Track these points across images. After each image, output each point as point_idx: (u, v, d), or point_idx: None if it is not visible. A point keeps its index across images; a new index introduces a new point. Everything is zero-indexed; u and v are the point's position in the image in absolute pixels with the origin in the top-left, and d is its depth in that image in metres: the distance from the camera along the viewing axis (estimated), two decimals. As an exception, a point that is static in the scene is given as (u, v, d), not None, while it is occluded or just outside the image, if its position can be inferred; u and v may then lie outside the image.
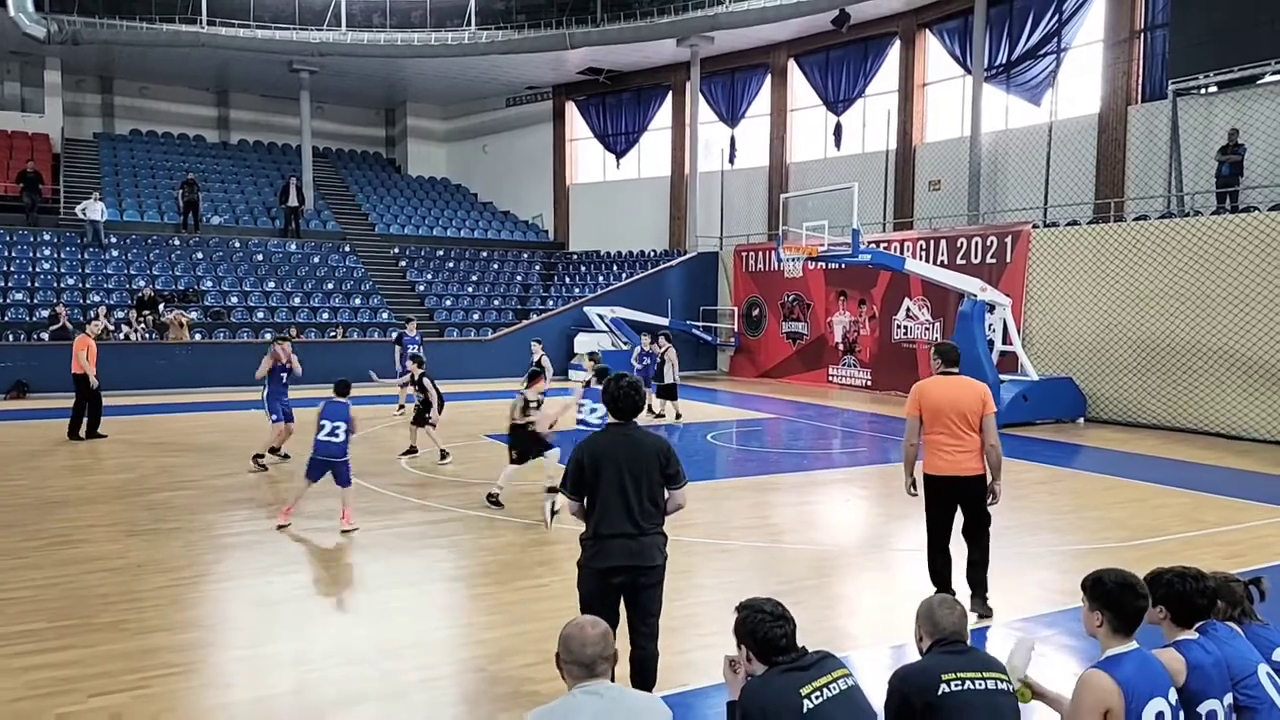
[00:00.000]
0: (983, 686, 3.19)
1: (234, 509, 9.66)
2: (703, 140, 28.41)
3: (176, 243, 26.29)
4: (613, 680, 3.09)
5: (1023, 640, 3.70)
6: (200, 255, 26.03)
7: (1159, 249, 16.19)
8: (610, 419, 4.90)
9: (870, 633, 6.35)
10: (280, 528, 8.79)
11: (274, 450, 12.42)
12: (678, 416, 17.07)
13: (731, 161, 28.74)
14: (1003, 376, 16.56)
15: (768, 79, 28.22)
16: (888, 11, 24.46)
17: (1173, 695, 3.29)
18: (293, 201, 28.33)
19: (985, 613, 6.51)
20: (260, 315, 24.21)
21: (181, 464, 12.26)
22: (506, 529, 8.94)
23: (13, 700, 5.03)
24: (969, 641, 3.52)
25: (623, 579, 4.67)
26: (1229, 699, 3.46)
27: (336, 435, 8.78)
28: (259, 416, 13.63)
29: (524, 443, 9.83)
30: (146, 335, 21.76)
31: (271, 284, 25.80)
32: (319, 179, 31.75)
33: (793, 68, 27.69)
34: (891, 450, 13.81)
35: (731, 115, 29.05)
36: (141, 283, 23.77)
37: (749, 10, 25.44)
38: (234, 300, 24.62)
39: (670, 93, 30.53)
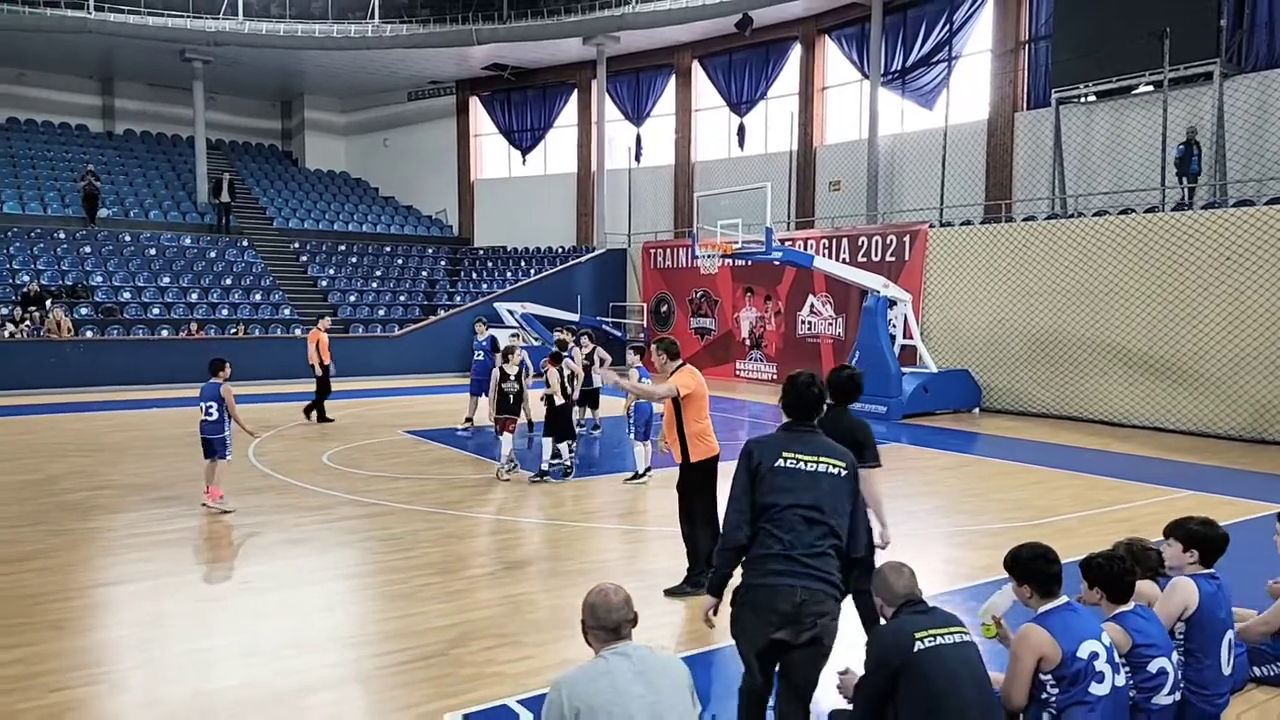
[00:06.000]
0: (952, 640, 3.51)
1: (157, 507, 9.41)
2: (608, 138, 28.66)
3: (62, 236, 25.01)
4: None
5: (1008, 589, 4.12)
6: (89, 249, 24.84)
7: (1046, 248, 17.24)
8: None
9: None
10: (204, 504, 9.27)
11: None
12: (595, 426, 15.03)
13: (638, 160, 29.09)
14: (904, 369, 17.36)
15: (672, 79, 28.67)
16: (789, 17, 25.17)
17: (1106, 639, 3.71)
18: (224, 197, 27.49)
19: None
20: (155, 312, 23.28)
21: (92, 464, 11.81)
22: (440, 520, 9.01)
23: (-36, 700, 4.91)
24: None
25: None
26: (1175, 655, 3.93)
27: (210, 414, 9.21)
28: (161, 415, 13.20)
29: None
30: (33, 332, 20.68)
31: (166, 279, 24.82)
32: (212, 172, 30.56)
33: (697, 69, 28.21)
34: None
35: (637, 114, 29.39)
36: (26, 278, 22.56)
37: (656, 11, 25.83)
38: (126, 296, 23.59)
39: (575, 90, 30.67)
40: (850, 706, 3.91)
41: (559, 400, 11.01)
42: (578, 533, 8.63)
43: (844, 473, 3.99)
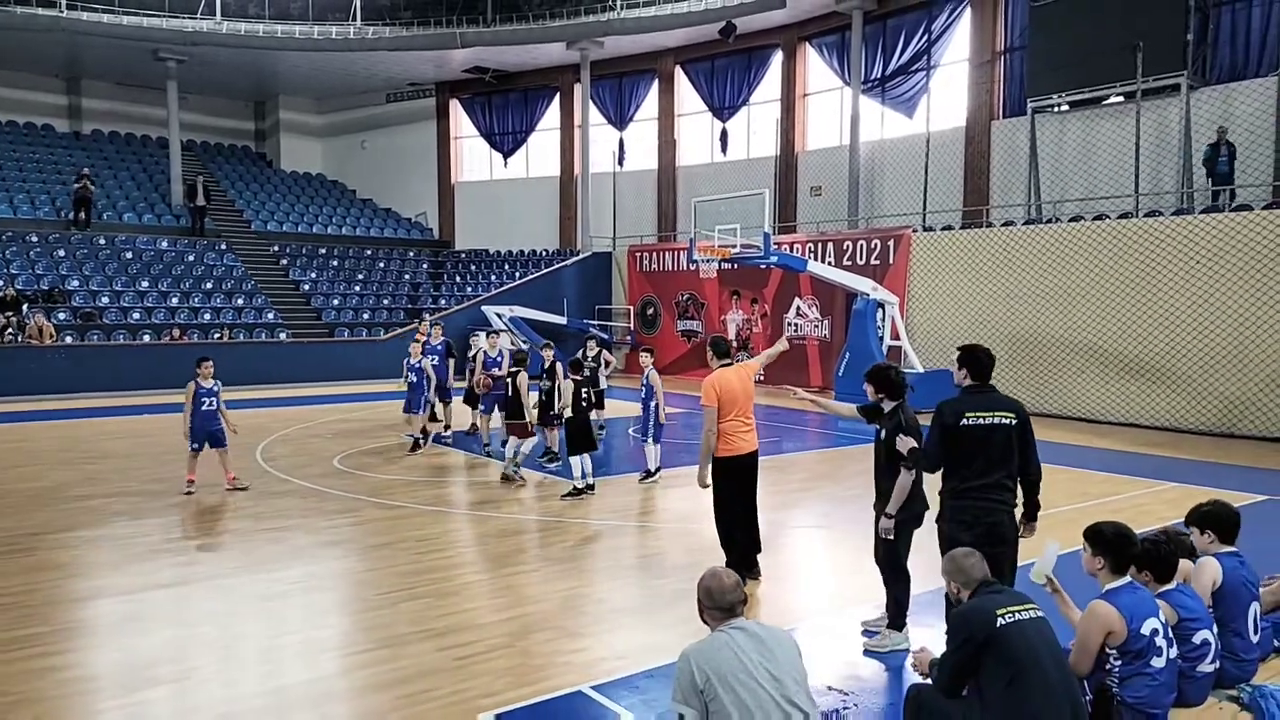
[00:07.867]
0: (1030, 616, 3.84)
1: (178, 512, 9.51)
2: (590, 141, 28.90)
3: (35, 239, 24.68)
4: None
5: (1050, 544, 4.69)
6: (63, 253, 24.54)
7: (1026, 252, 17.84)
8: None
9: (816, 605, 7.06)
10: (188, 493, 10.19)
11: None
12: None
13: (621, 164, 29.37)
14: (891, 370, 17.81)
15: (655, 84, 29.00)
16: (771, 24, 25.60)
17: (1163, 616, 4.09)
18: (199, 200, 27.35)
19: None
20: (136, 317, 23.09)
21: (99, 471, 11.82)
22: (468, 521, 9.23)
23: (58, 697, 5.07)
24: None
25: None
26: (1215, 629, 4.33)
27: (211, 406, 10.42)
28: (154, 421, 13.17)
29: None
30: (13, 337, 20.44)
31: (145, 284, 24.61)
32: (185, 174, 30.31)
33: (680, 74, 28.57)
34: (784, 440, 14.79)
35: (620, 118, 29.68)
36: None
37: (641, 17, 26.14)
38: (105, 301, 23.35)
39: (558, 94, 30.87)
40: (928, 682, 4.23)
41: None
42: (605, 530, 8.88)
43: (1014, 422, 5.15)
